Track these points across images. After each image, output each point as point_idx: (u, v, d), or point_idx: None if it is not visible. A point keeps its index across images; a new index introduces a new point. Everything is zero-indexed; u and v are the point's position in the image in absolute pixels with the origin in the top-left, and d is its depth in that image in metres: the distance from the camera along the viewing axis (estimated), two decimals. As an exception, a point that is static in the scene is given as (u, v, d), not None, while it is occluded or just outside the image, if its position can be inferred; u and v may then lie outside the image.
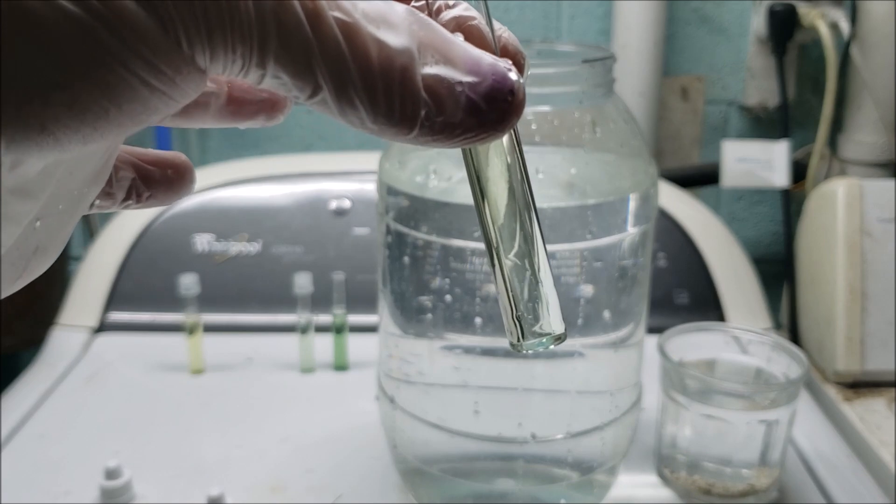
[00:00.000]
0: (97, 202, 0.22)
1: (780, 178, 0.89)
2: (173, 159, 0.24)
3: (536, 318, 0.20)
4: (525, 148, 0.21)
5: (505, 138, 0.20)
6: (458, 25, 0.20)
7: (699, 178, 0.98)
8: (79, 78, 0.14)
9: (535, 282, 0.20)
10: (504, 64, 0.18)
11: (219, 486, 0.54)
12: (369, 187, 0.82)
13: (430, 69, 0.17)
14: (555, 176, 0.48)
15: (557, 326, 0.20)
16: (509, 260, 0.20)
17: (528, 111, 0.46)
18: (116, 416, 0.65)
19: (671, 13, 0.99)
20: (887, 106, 0.90)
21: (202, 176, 0.90)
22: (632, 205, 0.48)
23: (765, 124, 1.04)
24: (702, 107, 1.04)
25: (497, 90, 0.17)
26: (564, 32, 1.02)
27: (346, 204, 0.82)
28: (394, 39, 0.16)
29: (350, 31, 0.16)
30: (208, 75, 0.16)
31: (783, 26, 0.93)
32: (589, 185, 0.48)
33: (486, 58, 0.17)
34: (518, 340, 0.20)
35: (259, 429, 0.64)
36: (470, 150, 0.20)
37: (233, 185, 0.84)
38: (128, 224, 0.81)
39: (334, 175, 0.85)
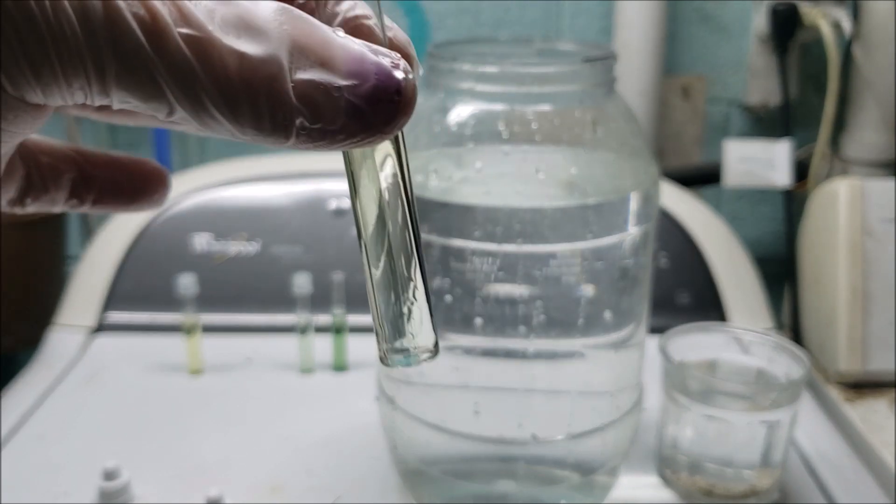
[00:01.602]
0: (30, 201, 0.21)
1: (781, 177, 0.88)
2: (133, 165, 0.22)
3: (400, 335, 0.20)
4: (525, 147, 0.20)
5: (383, 158, 0.19)
6: (346, 23, 0.18)
7: (700, 178, 0.98)
8: None
9: (400, 301, 0.20)
10: (391, 60, 0.16)
11: (218, 486, 0.54)
12: (369, 187, 0.81)
13: (305, 74, 0.15)
14: (555, 175, 0.48)
15: (424, 341, 0.20)
16: (374, 279, 0.20)
17: (529, 110, 0.46)
18: (115, 416, 0.65)
19: (672, 12, 0.99)
20: (889, 105, 0.90)
21: (202, 175, 0.90)
22: (633, 204, 0.48)
23: (766, 124, 1.03)
24: (703, 106, 1.04)
25: (381, 90, 0.16)
26: (565, 31, 1.02)
27: (346, 204, 0.82)
28: (256, 48, 0.15)
29: (201, 45, 0.14)
30: (49, 107, 0.15)
31: (785, 25, 0.92)
32: (590, 184, 0.48)
33: (370, 55, 0.16)
34: (383, 355, 0.21)
35: (259, 429, 0.63)
36: (347, 161, 0.20)
37: (232, 185, 0.84)
38: (126, 223, 0.81)
39: (334, 175, 0.85)
